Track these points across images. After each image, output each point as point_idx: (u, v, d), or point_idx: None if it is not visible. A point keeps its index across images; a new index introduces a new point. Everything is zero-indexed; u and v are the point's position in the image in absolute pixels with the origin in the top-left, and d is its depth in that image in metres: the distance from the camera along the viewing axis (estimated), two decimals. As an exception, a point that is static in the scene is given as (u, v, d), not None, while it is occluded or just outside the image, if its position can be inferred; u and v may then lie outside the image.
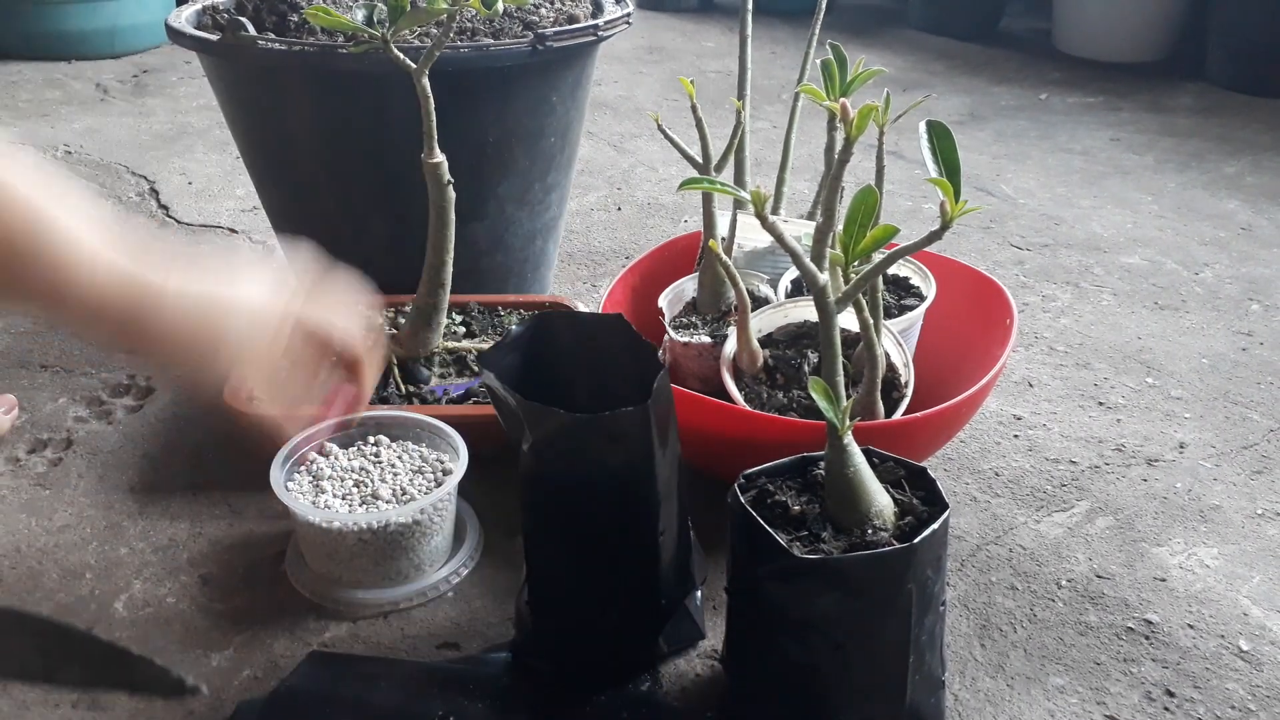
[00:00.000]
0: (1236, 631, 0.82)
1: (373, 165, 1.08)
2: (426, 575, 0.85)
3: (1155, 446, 1.07)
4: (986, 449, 1.06)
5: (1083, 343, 1.28)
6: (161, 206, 1.63)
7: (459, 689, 0.74)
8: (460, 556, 0.87)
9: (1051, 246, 1.56)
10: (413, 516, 0.81)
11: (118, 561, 0.87)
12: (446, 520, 0.85)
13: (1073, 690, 0.76)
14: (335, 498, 0.84)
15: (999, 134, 2.11)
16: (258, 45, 0.99)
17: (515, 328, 0.79)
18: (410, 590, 0.83)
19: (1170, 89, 2.45)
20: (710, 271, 1.01)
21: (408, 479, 0.86)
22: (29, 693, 0.74)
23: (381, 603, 0.83)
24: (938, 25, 3.01)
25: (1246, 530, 0.94)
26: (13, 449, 1.02)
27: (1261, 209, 1.72)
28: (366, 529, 0.80)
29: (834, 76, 0.86)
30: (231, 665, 0.77)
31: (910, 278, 1.04)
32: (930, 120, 0.63)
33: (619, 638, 0.76)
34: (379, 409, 0.93)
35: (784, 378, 0.90)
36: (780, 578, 0.63)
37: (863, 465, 0.65)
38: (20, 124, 1.99)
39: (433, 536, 0.84)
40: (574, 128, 1.17)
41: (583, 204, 1.69)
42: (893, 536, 0.64)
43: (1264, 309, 1.37)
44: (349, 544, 0.81)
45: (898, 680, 0.64)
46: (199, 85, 2.26)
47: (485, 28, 1.07)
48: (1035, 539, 0.93)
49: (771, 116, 2.18)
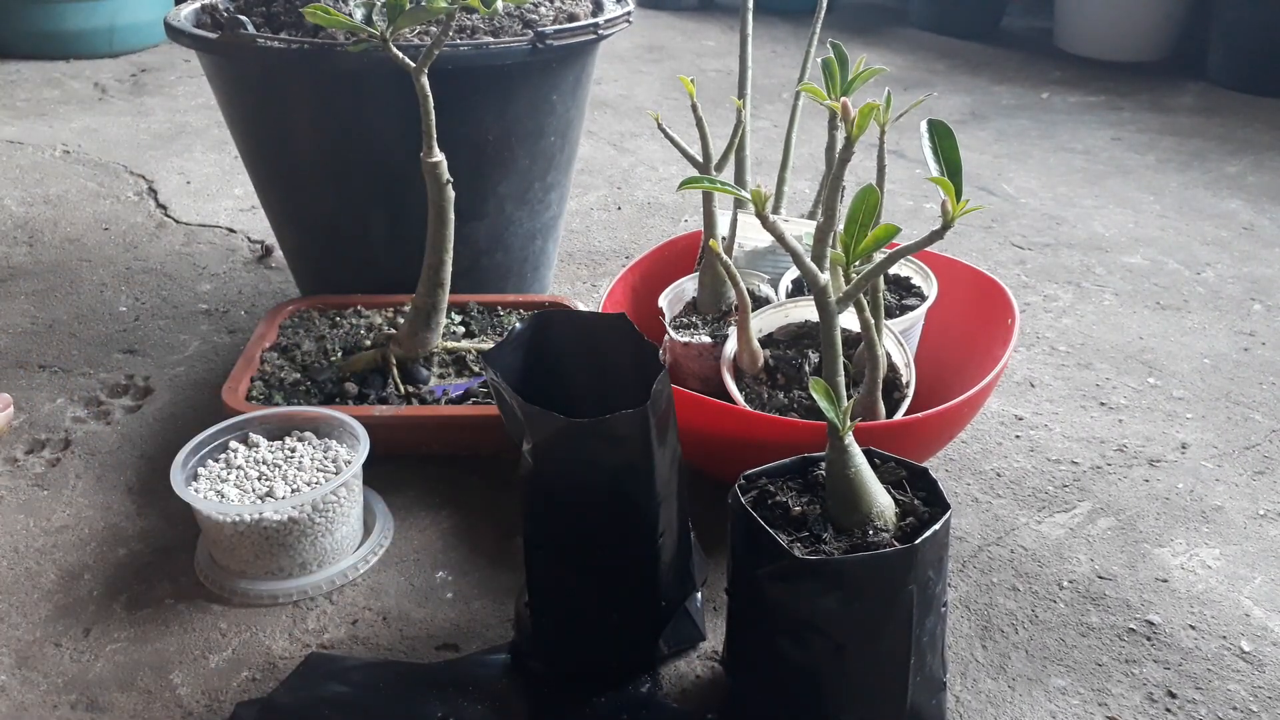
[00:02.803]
0: (1238, 632, 0.82)
1: (372, 164, 1.07)
2: (312, 573, 0.84)
3: (1157, 447, 1.06)
4: (988, 449, 1.05)
5: (1084, 343, 1.28)
6: (160, 206, 1.62)
7: (458, 690, 0.74)
8: (357, 554, 0.87)
9: (1053, 246, 1.56)
10: (288, 514, 0.82)
11: (116, 562, 0.87)
12: (338, 522, 0.85)
13: (1074, 691, 0.76)
14: (234, 488, 0.84)
15: (1000, 133, 2.11)
16: (256, 43, 0.98)
17: (518, 326, 0.78)
18: (290, 586, 0.83)
19: (1172, 88, 2.45)
20: (710, 271, 1.01)
21: (309, 477, 0.86)
22: (28, 694, 0.74)
23: (260, 595, 0.83)
24: (939, 24, 3.00)
25: (1248, 531, 0.94)
26: (10, 449, 1.02)
27: (1263, 209, 1.71)
28: (240, 521, 0.81)
29: (835, 75, 0.85)
30: (230, 666, 0.77)
31: (911, 277, 1.04)
32: (931, 119, 0.63)
33: (619, 639, 0.75)
34: (304, 409, 0.93)
35: (785, 378, 0.90)
36: (781, 578, 0.62)
37: (864, 466, 0.65)
38: (18, 123, 1.98)
39: (318, 536, 0.84)
40: (574, 127, 1.17)
41: (583, 203, 1.68)
42: (894, 537, 0.64)
43: (1266, 309, 1.37)
44: (226, 534, 0.82)
45: (899, 681, 0.64)
46: (198, 84, 2.26)
47: (485, 26, 1.07)
48: (1037, 540, 0.92)
49: (772, 115, 2.17)
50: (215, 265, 1.43)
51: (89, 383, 1.14)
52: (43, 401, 1.10)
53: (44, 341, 1.22)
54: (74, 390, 1.12)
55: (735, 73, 1.05)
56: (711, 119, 0.93)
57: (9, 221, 1.55)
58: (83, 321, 1.27)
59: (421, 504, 0.95)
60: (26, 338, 1.23)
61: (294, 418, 0.92)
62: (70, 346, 1.21)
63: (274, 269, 1.43)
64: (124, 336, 1.24)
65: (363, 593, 0.85)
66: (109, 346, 1.21)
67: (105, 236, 1.51)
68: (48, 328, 1.25)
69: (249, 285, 1.38)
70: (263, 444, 0.90)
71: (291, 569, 0.84)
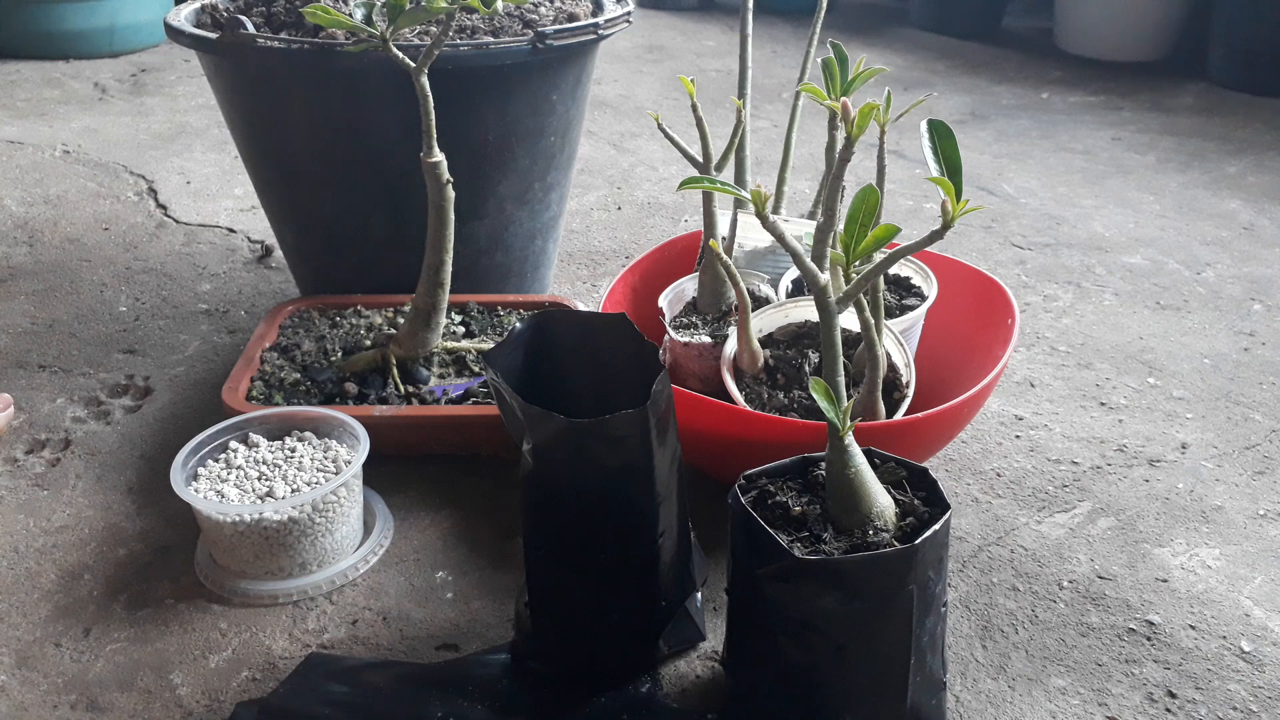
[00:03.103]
0: (1238, 632, 0.82)
1: (372, 164, 1.07)
2: (312, 573, 0.84)
3: (1157, 447, 1.06)
4: (988, 449, 1.05)
5: (1084, 343, 1.28)
6: (160, 206, 1.62)
7: (458, 691, 0.74)
8: (357, 554, 0.87)
9: (1053, 246, 1.56)
10: (288, 514, 0.81)
11: (116, 562, 0.87)
12: (337, 522, 0.85)
13: (1074, 691, 0.76)
14: (234, 488, 0.84)
15: (1000, 133, 2.11)
16: (256, 43, 0.98)
17: (518, 325, 0.78)
18: (290, 586, 0.83)
19: (1172, 88, 2.45)
20: (711, 271, 1.01)
21: (309, 477, 0.86)
22: (28, 694, 0.74)
23: (260, 595, 0.83)
24: (939, 24, 3.00)
25: (1248, 531, 0.94)
26: (10, 449, 1.02)
27: (1263, 209, 1.71)
28: (240, 521, 0.81)
29: (835, 75, 0.85)
30: (230, 666, 0.77)
31: (911, 277, 1.04)
32: (931, 119, 0.63)
33: (618, 640, 0.75)
34: (304, 409, 0.93)
35: (785, 378, 0.90)
36: (781, 578, 0.62)
37: (864, 466, 0.65)
38: (18, 123, 1.98)
39: (318, 536, 0.84)
40: (574, 127, 1.17)
41: (582, 203, 1.68)
42: (894, 537, 0.64)
43: (1266, 309, 1.37)
44: (226, 534, 0.82)
45: (899, 681, 0.64)
46: (197, 84, 2.26)
47: (485, 26, 1.07)
48: (1037, 540, 0.92)
49: (772, 115, 2.17)
50: (215, 265, 1.43)
51: (89, 383, 1.14)
52: (43, 401, 1.10)
53: (44, 341, 1.22)
54: (74, 390, 1.12)
55: (735, 73, 1.05)
56: (711, 119, 0.93)
57: (9, 221, 1.55)
58: (83, 321, 1.27)
59: (421, 504, 0.95)
60: (26, 338, 1.23)
61: (294, 418, 0.92)
62: (70, 346, 1.21)
63: (274, 269, 1.42)
64: (124, 336, 1.24)
65: (363, 593, 0.85)
66: (109, 346, 1.21)
67: (105, 236, 1.51)
68: (48, 328, 1.25)
69: (249, 285, 1.38)
70: (263, 444, 0.90)
71: (291, 569, 0.84)
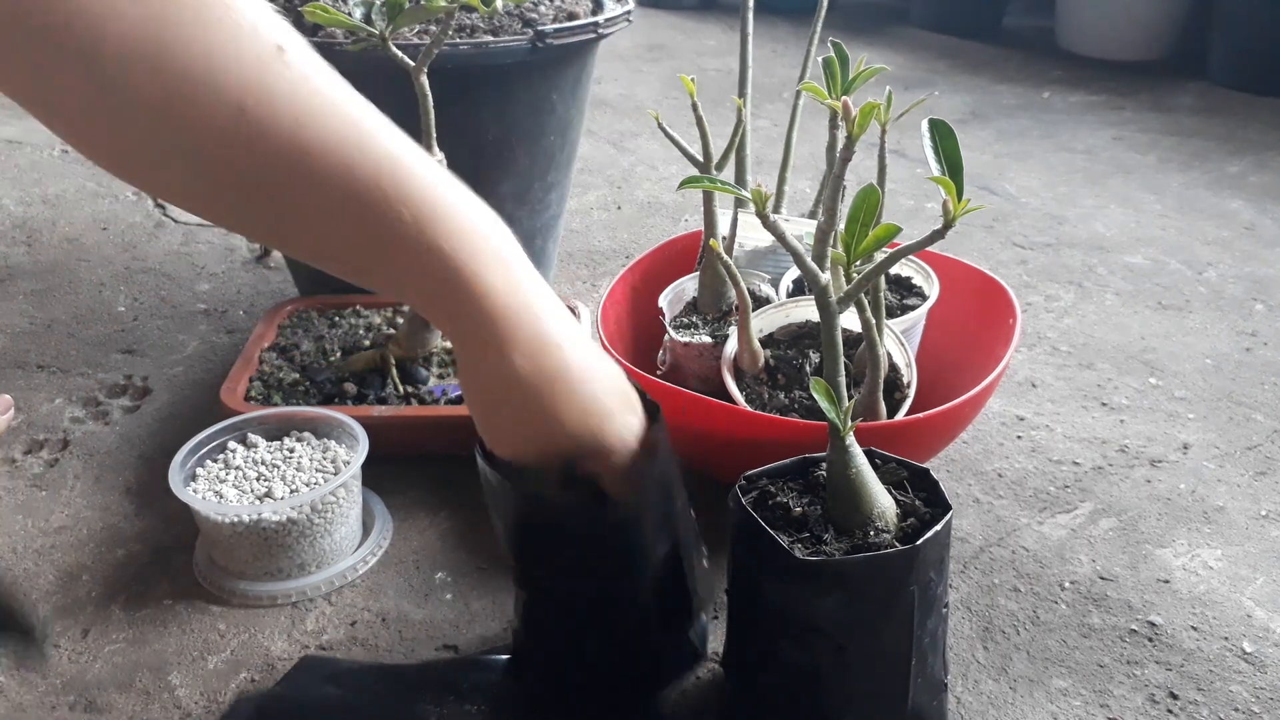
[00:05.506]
0: (1240, 634, 0.82)
1: (371, 164, 1.07)
2: (310, 574, 0.84)
3: (1159, 447, 1.06)
4: (989, 450, 1.05)
5: (1086, 343, 1.27)
6: (158, 205, 1.62)
7: (454, 692, 0.73)
8: (356, 555, 0.87)
9: (1054, 246, 1.56)
10: (287, 515, 0.81)
11: (115, 563, 0.87)
12: (336, 523, 0.85)
13: (1076, 693, 0.76)
14: (232, 488, 0.84)
15: (1001, 133, 2.11)
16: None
17: None
18: (289, 587, 0.83)
19: (1173, 88, 2.44)
20: (711, 271, 1.00)
21: (308, 478, 0.86)
22: (26, 694, 0.74)
23: (259, 596, 0.83)
24: (940, 23, 3.00)
25: (1250, 532, 0.93)
26: (9, 450, 1.02)
27: (1265, 209, 1.71)
28: (239, 522, 0.81)
29: (835, 74, 0.85)
30: (229, 667, 0.77)
31: (912, 277, 1.04)
32: (932, 119, 0.63)
33: (610, 690, 0.72)
34: (302, 409, 0.92)
35: (785, 378, 0.90)
36: (781, 580, 0.62)
37: (865, 466, 0.65)
38: (17, 123, 1.98)
39: (317, 537, 0.83)
40: (574, 126, 1.17)
41: (582, 203, 1.68)
42: (895, 538, 0.64)
43: (1268, 309, 1.37)
44: (224, 535, 0.82)
45: (900, 683, 0.64)
46: (198, 84, 2.25)
47: (485, 25, 1.07)
48: (1038, 541, 0.92)
49: (772, 115, 2.17)
50: (214, 265, 1.43)
51: (87, 383, 1.13)
52: (41, 402, 1.09)
53: (42, 341, 1.22)
54: (72, 390, 1.12)
55: (736, 72, 1.04)
56: (712, 118, 0.92)
57: (7, 221, 1.55)
58: (81, 321, 1.27)
59: (421, 505, 0.95)
60: (25, 338, 1.23)
61: (293, 418, 0.92)
62: (68, 346, 1.21)
63: (273, 269, 1.42)
64: (122, 336, 1.24)
65: (362, 594, 0.84)
66: (107, 346, 1.21)
67: (104, 236, 1.51)
68: (46, 328, 1.25)
69: (248, 285, 1.38)
70: (261, 444, 0.90)
71: (290, 570, 0.84)
